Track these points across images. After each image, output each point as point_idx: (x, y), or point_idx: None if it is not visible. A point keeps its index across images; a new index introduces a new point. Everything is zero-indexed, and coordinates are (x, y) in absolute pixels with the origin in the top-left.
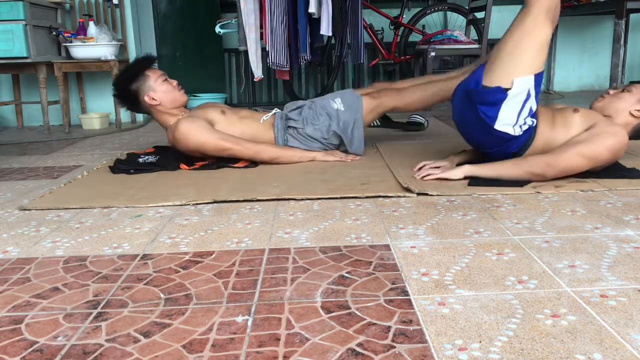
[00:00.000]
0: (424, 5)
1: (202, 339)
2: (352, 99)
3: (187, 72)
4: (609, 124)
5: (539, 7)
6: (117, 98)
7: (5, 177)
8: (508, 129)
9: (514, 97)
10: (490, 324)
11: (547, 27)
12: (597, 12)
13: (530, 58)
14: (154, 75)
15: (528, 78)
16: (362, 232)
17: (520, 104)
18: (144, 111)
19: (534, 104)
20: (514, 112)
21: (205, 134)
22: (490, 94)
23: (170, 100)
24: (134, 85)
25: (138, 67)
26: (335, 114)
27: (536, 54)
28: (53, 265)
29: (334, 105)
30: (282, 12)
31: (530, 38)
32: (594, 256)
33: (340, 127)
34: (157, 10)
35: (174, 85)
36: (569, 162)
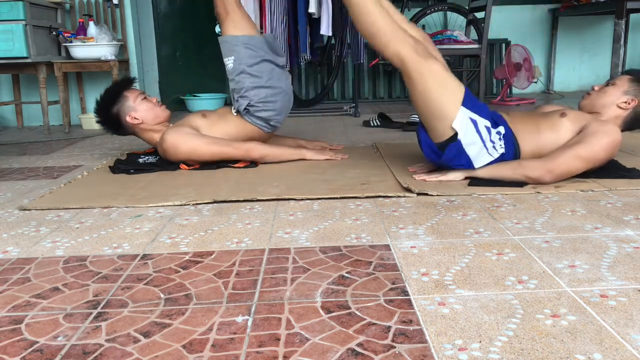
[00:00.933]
0: (424, 5)
1: (202, 339)
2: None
3: (187, 72)
4: (600, 123)
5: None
6: (101, 125)
7: (5, 177)
8: (488, 159)
9: (465, 136)
10: (490, 324)
11: (430, 64)
12: (597, 12)
13: (444, 97)
14: (132, 95)
15: (460, 112)
16: (362, 232)
17: (476, 133)
18: (129, 133)
19: (485, 121)
20: (479, 144)
21: (193, 140)
22: (448, 151)
23: (152, 117)
24: (115, 108)
25: (116, 90)
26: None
27: (446, 90)
28: (53, 265)
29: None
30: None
31: (429, 83)
32: (594, 256)
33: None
34: (157, 10)
35: (154, 102)
36: (567, 165)
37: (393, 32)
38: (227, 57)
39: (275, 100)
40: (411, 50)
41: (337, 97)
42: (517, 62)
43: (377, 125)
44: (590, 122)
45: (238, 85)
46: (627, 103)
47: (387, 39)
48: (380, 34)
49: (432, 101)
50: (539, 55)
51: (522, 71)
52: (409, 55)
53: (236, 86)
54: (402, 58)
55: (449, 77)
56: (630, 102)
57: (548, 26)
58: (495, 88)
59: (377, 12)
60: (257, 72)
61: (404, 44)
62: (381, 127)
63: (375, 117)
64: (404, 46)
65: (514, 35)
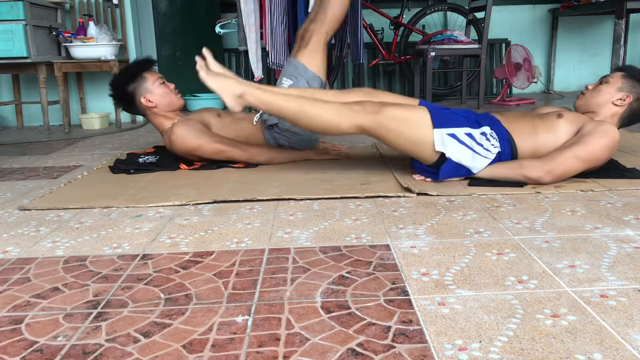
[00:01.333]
0: (424, 5)
1: (202, 339)
2: (292, 68)
3: (187, 72)
4: (597, 123)
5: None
6: (113, 98)
7: (5, 177)
8: (484, 161)
9: (452, 153)
10: (490, 324)
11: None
12: (597, 12)
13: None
14: (152, 78)
15: (436, 133)
16: (362, 232)
17: (461, 146)
18: (139, 113)
19: (464, 129)
20: (469, 154)
21: (201, 136)
22: (444, 170)
23: (166, 104)
24: (131, 86)
25: (136, 69)
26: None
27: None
28: (53, 265)
29: (284, 85)
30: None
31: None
32: (594, 256)
33: None
34: (157, 10)
35: (171, 88)
36: (566, 166)
37: (337, 113)
38: (286, 78)
39: (297, 137)
40: (362, 115)
41: None
42: (517, 62)
43: None
44: (587, 123)
45: None
46: (622, 100)
47: (338, 123)
48: (328, 124)
49: (406, 141)
50: (539, 55)
51: (522, 71)
52: (363, 119)
53: None
54: (360, 126)
55: (407, 112)
56: (625, 98)
57: (548, 26)
58: (495, 88)
59: (313, 109)
60: None
61: (352, 115)
62: None
63: None
64: (354, 116)
65: (514, 35)
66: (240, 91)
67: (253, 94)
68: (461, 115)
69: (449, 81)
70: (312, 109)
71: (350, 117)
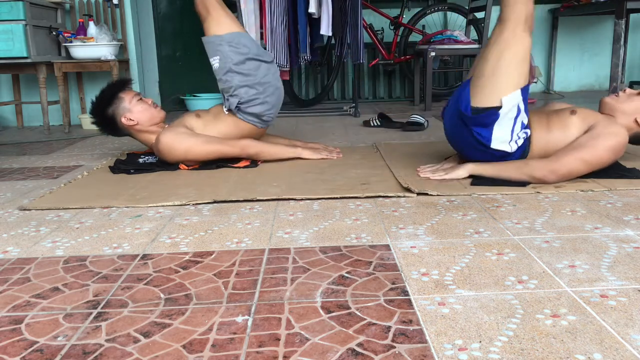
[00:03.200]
0: (424, 5)
1: (202, 339)
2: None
3: (187, 72)
4: (607, 123)
5: (516, 20)
6: (97, 125)
7: (5, 177)
8: (504, 147)
9: (505, 115)
10: (490, 324)
11: (525, 39)
12: (597, 12)
13: (514, 73)
14: (128, 97)
15: (516, 94)
16: (362, 232)
17: (512, 120)
18: (124, 134)
19: (524, 117)
20: (507, 130)
21: (187, 140)
22: (482, 117)
23: (147, 119)
24: (110, 109)
25: (111, 91)
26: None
27: (520, 68)
28: (53, 265)
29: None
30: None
31: (511, 53)
32: (594, 256)
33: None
34: (157, 11)
35: (149, 103)
36: (571, 167)
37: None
38: (212, 57)
39: (265, 95)
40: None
41: (337, 97)
42: None
43: (377, 125)
44: (599, 122)
45: (227, 85)
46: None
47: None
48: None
49: (503, 64)
50: (539, 55)
51: None
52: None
53: (225, 85)
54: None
55: (528, 60)
56: None
57: (548, 26)
58: None
59: None
60: (244, 70)
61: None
62: (381, 127)
63: (375, 117)
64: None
65: None
66: None
67: None
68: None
69: (449, 81)
70: None
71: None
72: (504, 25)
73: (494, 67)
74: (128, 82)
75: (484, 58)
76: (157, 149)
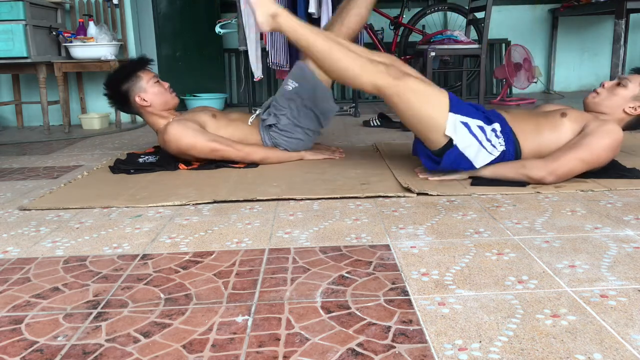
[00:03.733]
0: (424, 5)
1: (202, 339)
2: (299, 70)
3: (187, 72)
4: (600, 122)
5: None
6: (108, 97)
7: (5, 177)
8: (488, 157)
9: (460, 140)
10: (490, 324)
11: (405, 84)
12: (597, 12)
13: (430, 110)
14: (146, 77)
15: (449, 119)
16: (362, 232)
17: (470, 136)
18: (134, 112)
19: (477, 122)
20: (475, 146)
21: (195, 135)
22: (447, 157)
23: (161, 102)
24: (125, 85)
25: (131, 68)
26: (293, 94)
27: (428, 102)
28: (53, 265)
29: (288, 87)
30: None
31: (411, 102)
32: (594, 256)
33: (304, 102)
34: (157, 11)
35: (165, 87)
36: (569, 167)
37: (362, 66)
38: (292, 80)
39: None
40: (385, 76)
41: (337, 97)
42: (517, 62)
43: (377, 125)
44: (591, 122)
45: (281, 107)
46: (634, 109)
47: (359, 74)
48: (350, 72)
49: (419, 117)
50: (539, 55)
51: (522, 71)
52: (384, 81)
53: (279, 106)
54: (379, 87)
55: (428, 88)
56: (637, 108)
57: (548, 26)
58: (495, 88)
59: (340, 53)
60: (302, 114)
61: (375, 73)
62: (381, 127)
63: (375, 117)
64: (377, 75)
65: (514, 35)
66: (275, 10)
67: (287, 18)
68: (476, 108)
69: (449, 81)
70: (340, 54)
71: (373, 74)
72: (384, 94)
73: (414, 122)
74: (148, 61)
75: (403, 122)
76: (163, 138)
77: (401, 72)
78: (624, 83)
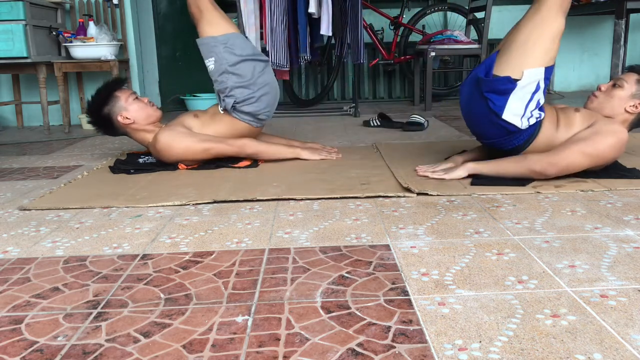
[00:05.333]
0: (424, 5)
1: (202, 339)
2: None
3: (187, 72)
4: (608, 122)
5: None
6: (92, 125)
7: (5, 177)
8: (515, 120)
9: (522, 87)
10: (490, 324)
11: (559, 19)
12: (597, 12)
13: (542, 50)
14: (124, 95)
15: (538, 70)
16: (362, 232)
17: (529, 95)
18: (121, 133)
19: (541, 97)
20: (522, 103)
21: (185, 139)
22: (499, 82)
23: (144, 117)
24: (106, 108)
25: (107, 90)
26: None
27: (548, 46)
28: (53, 265)
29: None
30: (282, 12)
31: (544, 29)
32: (594, 256)
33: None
34: (157, 10)
35: (145, 102)
36: (571, 160)
37: None
38: (207, 59)
39: (260, 95)
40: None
41: (337, 97)
42: None
43: (377, 125)
44: (599, 120)
45: (222, 85)
46: (635, 107)
47: None
48: None
49: (533, 39)
50: None
51: None
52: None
53: (220, 86)
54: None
55: (558, 42)
56: (638, 106)
57: None
58: None
59: None
60: (239, 71)
61: None
62: (381, 127)
63: (375, 117)
64: None
65: None
66: None
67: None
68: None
69: (449, 81)
70: None
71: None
72: (541, 4)
73: (524, 40)
74: (123, 81)
75: (517, 30)
76: (155, 148)
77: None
78: (620, 83)
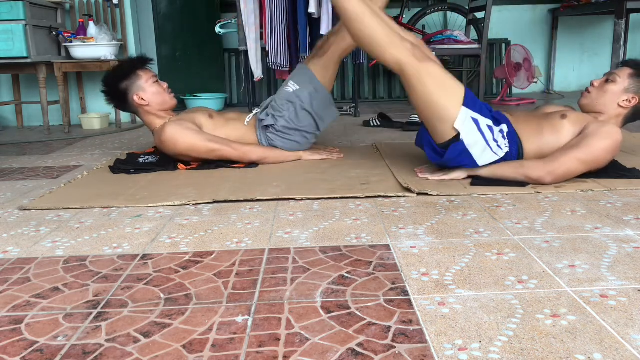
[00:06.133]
0: (424, 5)
1: (202, 339)
2: (300, 73)
3: (187, 72)
4: (599, 124)
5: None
6: (105, 95)
7: (5, 177)
8: (492, 157)
9: (467, 136)
10: (490, 324)
11: (427, 67)
12: (597, 12)
13: (444, 99)
14: (146, 76)
15: (461, 112)
16: (362, 232)
17: (478, 134)
18: (131, 110)
19: (487, 121)
20: (482, 144)
21: (192, 136)
22: (451, 151)
23: (159, 102)
24: (124, 83)
25: (130, 66)
26: (293, 96)
27: (445, 91)
28: (53, 265)
29: (289, 89)
30: (282, 12)
31: (428, 87)
32: (594, 256)
33: (304, 106)
34: (157, 10)
35: (164, 87)
36: (568, 167)
37: (390, 39)
38: (293, 82)
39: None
40: (409, 55)
41: (337, 97)
42: (517, 62)
43: (377, 125)
44: (590, 124)
45: (280, 109)
46: (629, 101)
47: (385, 46)
48: (377, 41)
49: (432, 103)
50: (539, 55)
51: (522, 71)
52: (407, 59)
53: (277, 107)
54: (401, 63)
55: (448, 78)
56: (631, 100)
57: (548, 26)
58: (495, 88)
59: (372, 20)
60: (300, 116)
61: (401, 49)
62: (381, 127)
63: (375, 117)
64: (402, 51)
65: (514, 35)
66: None
67: None
68: (486, 108)
69: None
70: (372, 20)
71: (398, 50)
72: (404, 72)
73: (426, 108)
74: (148, 60)
75: (415, 106)
76: (160, 139)
77: (425, 55)
78: (612, 78)
